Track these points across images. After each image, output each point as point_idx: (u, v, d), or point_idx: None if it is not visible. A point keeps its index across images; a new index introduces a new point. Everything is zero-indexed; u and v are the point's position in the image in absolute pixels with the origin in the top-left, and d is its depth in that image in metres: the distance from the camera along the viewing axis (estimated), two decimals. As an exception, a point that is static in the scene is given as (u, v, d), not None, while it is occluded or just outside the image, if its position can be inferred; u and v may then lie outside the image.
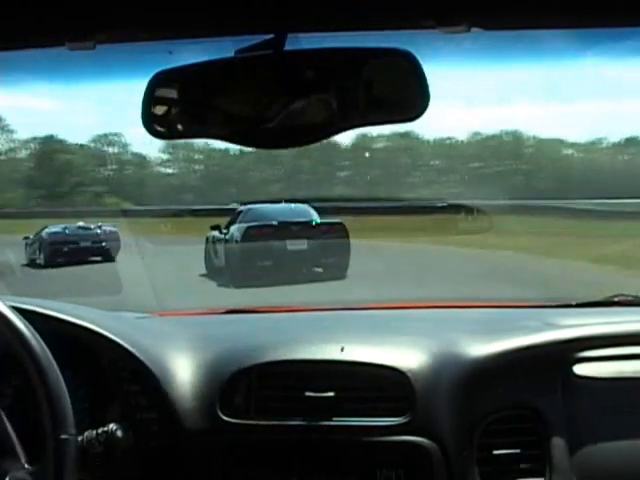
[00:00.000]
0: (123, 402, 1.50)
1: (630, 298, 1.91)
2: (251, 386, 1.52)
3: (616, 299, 1.91)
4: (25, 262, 14.78)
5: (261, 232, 10.99)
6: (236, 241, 11.01)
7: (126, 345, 1.51)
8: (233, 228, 11.42)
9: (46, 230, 15.25)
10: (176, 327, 1.78)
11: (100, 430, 1.41)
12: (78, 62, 1.13)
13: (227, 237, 11.29)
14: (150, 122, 1.08)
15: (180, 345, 1.61)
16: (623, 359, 1.59)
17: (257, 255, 10.70)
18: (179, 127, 1.11)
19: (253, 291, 8.69)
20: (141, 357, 1.51)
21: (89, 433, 1.40)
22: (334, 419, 1.49)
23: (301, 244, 10.86)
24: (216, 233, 11.85)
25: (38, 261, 14.37)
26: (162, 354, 1.56)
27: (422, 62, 1.01)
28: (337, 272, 10.37)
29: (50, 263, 14.12)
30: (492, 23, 0.97)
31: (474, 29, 0.95)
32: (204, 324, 1.93)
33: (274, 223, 11.11)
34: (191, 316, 2.10)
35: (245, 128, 1.05)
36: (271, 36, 1.00)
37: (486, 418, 1.51)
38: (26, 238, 15.83)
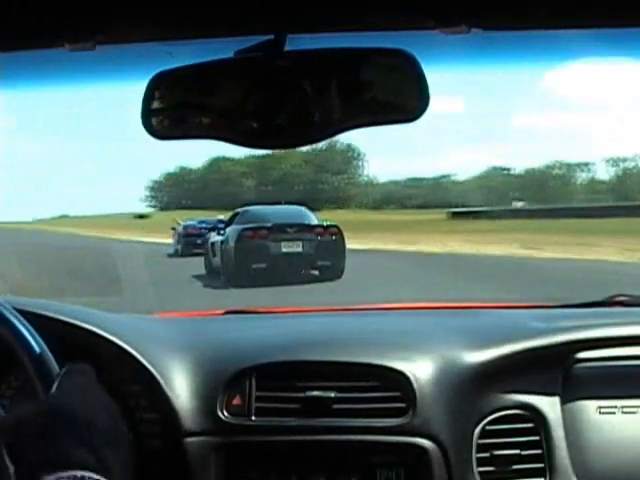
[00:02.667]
0: (123, 402, 1.50)
1: (632, 298, 1.91)
2: (251, 387, 1.52)
3: (618, 299, 1.91)
4: (171, 252, 15.04)
5: (256, 234, 11.12)
6: (231, 243, 11.12)
7: (125, 346, 1.51)
8: (229, 230, 11.57)
9: (183, 223, 15.47)
10: (176, 328, 1.78)
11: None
12: (77, 63, 1.13)
13: (223, 238, 11.43)
14: (150, 123, 1.08)
15: (180, 346, 1.61)
16: (624, 360, 1.59)
17: (252, 257, 10.74)
18: (179, 128, 1.11)
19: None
20: (140, 358, 1.51)
21: None
22: (334, 420, 1.49)
23: (296, 246, 11.02)
24: (215, 234, 11.86)
25: (179, 252, 14.75)
26: (162, 354, 1.56)
27: (422, 62, 1.01)
28: (333, 274, 10.69)
29: (185, 254, 14.39)
30: (492, 24, 0.97)
31: (474, 30, 0.95)
32: (204, 325, 1.93)
33: (268, 225, 11.24)
34: (190, 317, 2.10)
35: (245, 129, 1.05)
36: (271, 37, 1.00)
37: (486, 418, 1.51)
38: (173, 229, 16.06)
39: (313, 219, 12.00)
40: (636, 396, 1.55)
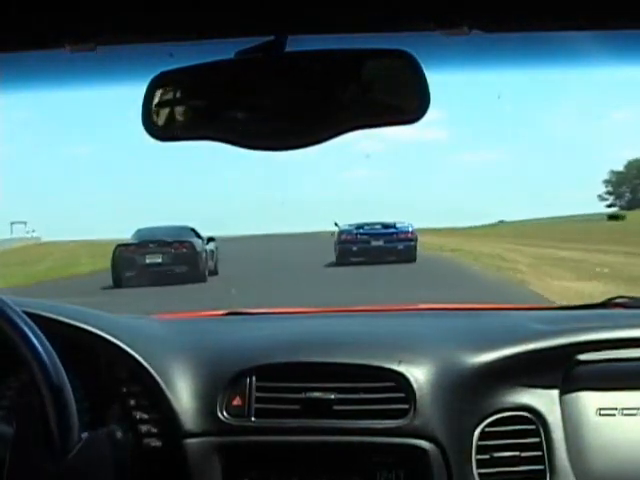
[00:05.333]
0: (123, 403, 1.50)
1: (632, 301, 1.91)
2: (251, 387, 1.52)
3: (618, 301, 1.91)
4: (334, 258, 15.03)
5: (127, 249, 15.25)
6: (111, 256, 15.07)
7: (125, 347, 1.51)
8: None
9: (339, 229, 15.08)
10: (176, 329, 1.78)
11: (100, 431, 1.41)
12: (78, 64, 1.13)
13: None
14: (150, 124, 1.08)
15: (180, 346, 1.61)
16: (624, 362, 1.58)
17: (124, 267, 14.81)
18: (180, 129, 1.11)
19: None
20: (140, 359, 1.51)
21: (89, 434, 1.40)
22: (334, 421, 1.49)
23: (156, 258, 14.94)
24: None
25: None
26: (162, 355, 1.56)
27: (423, 64, 1.01)
28: (194, 278, 14.12)
29: (341, 261, 14.28)
30: (493, 25, 0.97)
31: (475, 31, 0.95)
32: (204, 326, 1.93)
33: (135, 242, 15.50)
34: (191, 318, 2.10)
35: (245, 130, 1.05)
36: (272, 38, 1.00)
37: (486, 420, 1.51)
38: (332, 234, 15.89)
39: (190, 236, 15.50)
40: (636, 398, 1.55)
